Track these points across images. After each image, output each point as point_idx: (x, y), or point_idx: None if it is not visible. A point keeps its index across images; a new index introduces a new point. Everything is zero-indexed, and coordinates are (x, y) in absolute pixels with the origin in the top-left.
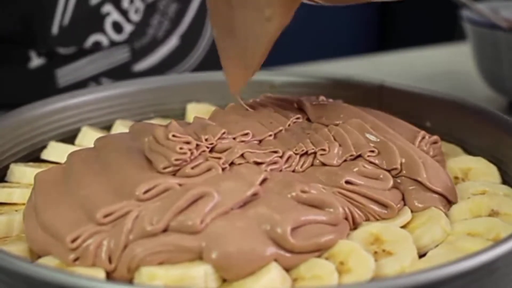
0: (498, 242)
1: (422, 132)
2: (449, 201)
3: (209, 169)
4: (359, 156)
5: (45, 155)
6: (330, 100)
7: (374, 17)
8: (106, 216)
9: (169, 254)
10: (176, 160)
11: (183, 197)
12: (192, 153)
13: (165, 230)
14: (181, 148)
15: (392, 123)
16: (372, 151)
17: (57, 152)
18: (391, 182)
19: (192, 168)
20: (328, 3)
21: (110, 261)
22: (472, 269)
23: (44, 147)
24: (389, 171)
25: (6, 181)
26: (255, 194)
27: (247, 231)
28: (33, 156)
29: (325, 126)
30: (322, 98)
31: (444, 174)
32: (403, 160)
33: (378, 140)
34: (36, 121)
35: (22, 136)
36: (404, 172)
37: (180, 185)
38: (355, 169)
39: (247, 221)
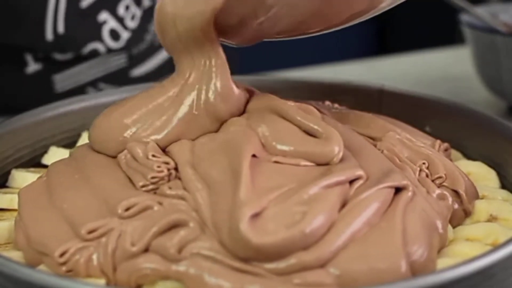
0: (496, 247)
1: (438, 141)
2: (466, 215)
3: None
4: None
5: (46, 160)
6: (336, 105)
7: (373, 21)
8: (90, 232)
9: (154, 277)
10: (152, 178)
11: (163, 220)
12: (170, 174)
13: (146, 250)
14: (158, 167)
15: (408, 131)
16: (424, 163)
17: (58, 157)
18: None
19: (170, 187)
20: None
21: (104, 274)
22: (470, 274)
23: (45, 152)
24: (433, 180)
25: (7, 187)
26: None
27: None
28: (35, 162)
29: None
30: (328, 103)
31: (475, 189)
32: (445, 171)
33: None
34: (37, 126)
35: (23, 141)
36: (446, 182)
37: (160, 203)
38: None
39: None
